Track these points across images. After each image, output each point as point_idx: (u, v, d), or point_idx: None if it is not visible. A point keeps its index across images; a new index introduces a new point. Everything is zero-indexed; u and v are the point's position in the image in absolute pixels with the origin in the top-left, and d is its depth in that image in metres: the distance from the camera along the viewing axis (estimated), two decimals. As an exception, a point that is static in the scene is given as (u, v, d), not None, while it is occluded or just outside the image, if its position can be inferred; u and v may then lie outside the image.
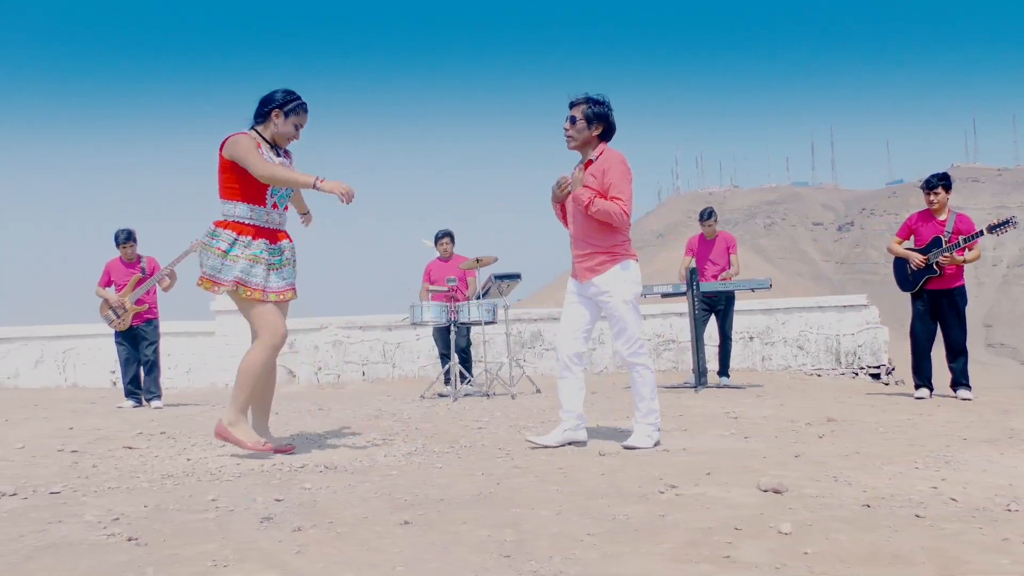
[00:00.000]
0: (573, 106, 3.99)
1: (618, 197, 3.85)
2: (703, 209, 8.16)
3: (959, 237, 6.04)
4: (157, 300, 7.46)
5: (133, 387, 7.32)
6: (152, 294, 7.39)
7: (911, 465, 3.26)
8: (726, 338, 7.88)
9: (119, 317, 7.21)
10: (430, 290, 8.01)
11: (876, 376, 9.82)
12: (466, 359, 7.93)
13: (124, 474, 3.33)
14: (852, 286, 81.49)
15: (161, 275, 7.20)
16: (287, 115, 3.82)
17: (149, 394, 7.29)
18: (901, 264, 6.38)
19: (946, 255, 6.04)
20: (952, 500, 2.62)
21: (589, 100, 3.95)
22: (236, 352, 3.64)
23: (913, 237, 6.38)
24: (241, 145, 3.68)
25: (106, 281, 7.33)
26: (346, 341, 10.32)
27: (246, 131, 3.79)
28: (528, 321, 10.36)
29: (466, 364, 7.85)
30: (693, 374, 7.50)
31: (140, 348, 7.34)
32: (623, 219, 3.88)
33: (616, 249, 3.94)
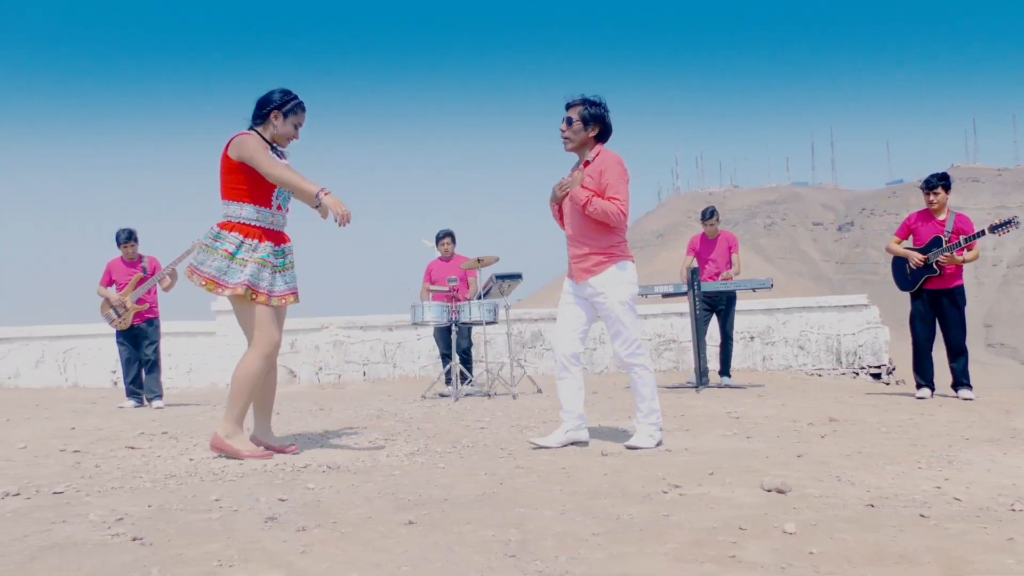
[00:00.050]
0: (570, 107, 3.99)
1: (615, 197, 3.86)
2: (705, 208, 8.16)
3: (960, 237, 6.04)
4: (158, 300, 7.47)
5: (134, 387, 7.32)
6: (153, 294, 7.39)
7: (914, 465, 3.26)
8: (727, 338, 7.88)
9: (120, 316, 7.21)
10: (431, 290, 8.01)
11: (877, 376, 9.82)
12: (467, 359, 7.93)
13: (127, 474, 3.33)
14: (852, 286, 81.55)
15: (162, 275, 7.20)
16: (286, 115, 3.79)
17: (150, 394, 7.29)
18: (900, 264, 6.39)
19: (946, 255, 6.04)
20: (956, 500, 2.62)
21: (585, 101, 3.95)
22: (236, 352, 3.64)
23: (912, 237, 6.38)
24: (249, 145, 3.65)
25: (107, 280, 7.33)
26: (347, 341, 10.32)
27: (250, 131, 3.76)
28: (529, 321, 10.36)
29: (467, 364, 7.85)
30: (694, 374, 7.50)
31: (141, 348, 7.34)
32: (620, 219, 3.88)
33: (613, 250, 3.94)
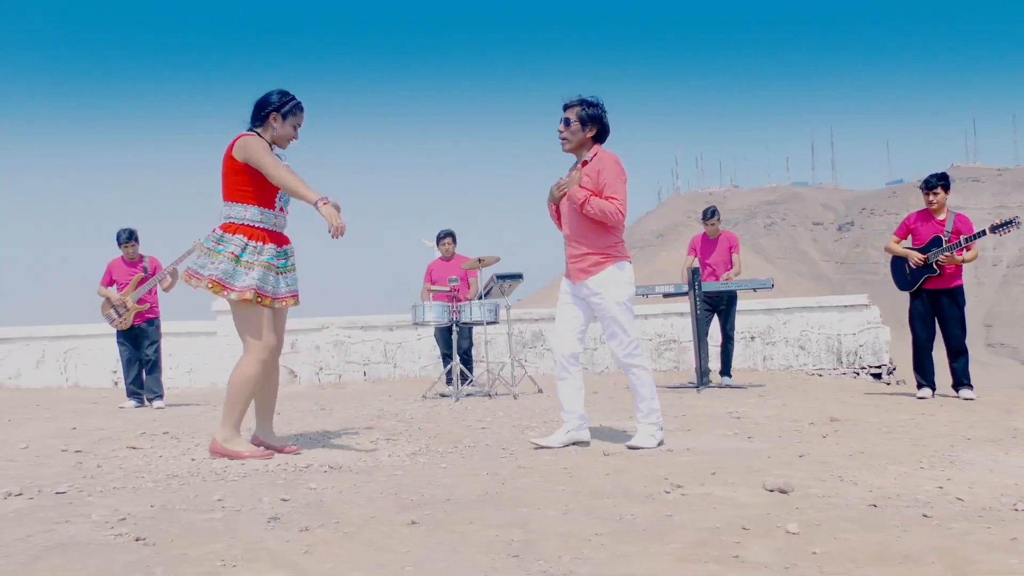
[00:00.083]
0: (567, 108, 4.00)
1: (613, 196, 3.86)
2: (706, 208, 8.13)
3: (961, 237, 6.04)
4: (158, 300, 7.47)
5: (135, 387, 7.31)
6: (153, 294, 7.39)
7: (916, 465, 3.26)
8: (728, 338, 7.87)
9: (121, 316, 7.21)
10: (432, 290, 8.01)
11: (877, 376, 9.82)
12: (467, 359, 7.93)
13: (129, 474, 3.33)
14: (852, 286, 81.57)
15: (163, 275, 7.20)
16: (285, 117, 3.77)
17: (151, 394, 7.29)
18: (899, 263, 6.39)
19: (946, 254, 6.04)
20: (958, 500, 2.62)
21: (583, 102, 3.96)
22: (237, 352, 3.63)
23: (911, 237, 6.38)
24: (254, 147, 3.63)
25: (108, 280, 7.33)
26: (347, 341, 10.32)
27: (253, 132, 3.74)
28: (529, 321, 10.36)
29: (467, 364, 7.85)
30: (695, 374, 7.50)
31: (142, 348, 7.34)
32: (618, 218, 3.89)
33: (610, 250, 3.94)
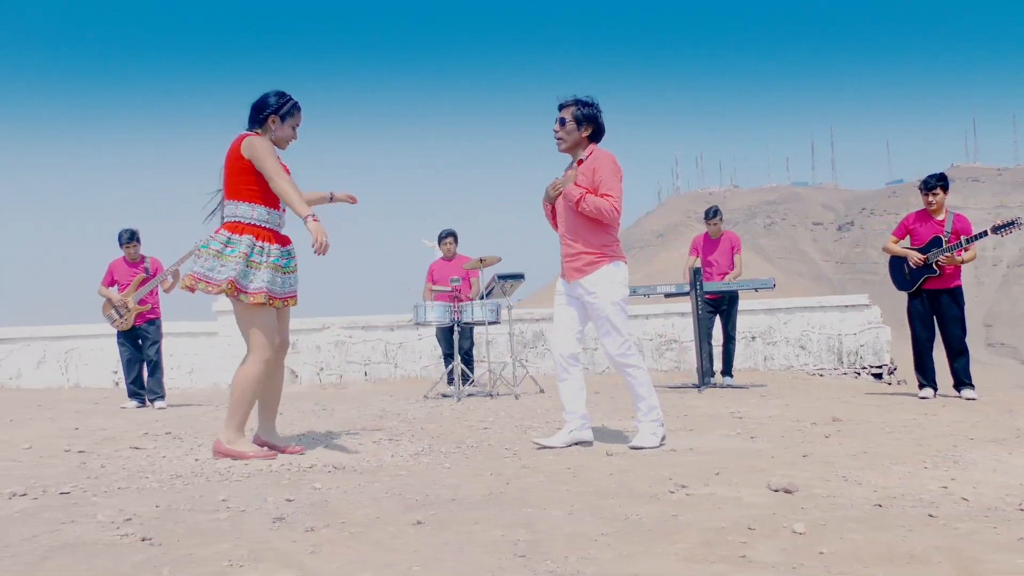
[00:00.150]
0: (562, 108, 4.01)
1: (608, 194, 3.86)
2: (709, 208, 8.10)
3: (962, 237, 6.04)
4: (159, 300, 7.47)
5: (136, 387, 7.31)
6: (154, 294, 7.39)
7: (920, 465, 3.26)
8: (729, 338, 7.87)
9: (122, 317, 7.21)
10: (433, 290, 8.01)
11: (878, 376, 9.83)
12: (468, 359, 7.93)
13: (133, 474, 3.33)
14: (852, 286, 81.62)
15: (164, 276, 7.20)
16: (283, 119, 3.76)
17: (152, 394, 7.29)
18: (898, 264, 6.39)
19: (946, 255, 6.04)
20: (963, 500, 2.62)
21: (578, 102, 3.97)
22: (238, 352, 3.64)
23: (909, 237, 6.38)
24: (262, 148, 3.61)
25: (109, 281, 7.33)
26: (348, 341, 10.32)
27: (258, 133, 3.72)
28: (530, 321, 10.36)
29: (468, 364, 7.86)
30: (697, 374, 7.50)
31: (143, 348, 7.35)
32: (614, 215, 3.89)
33: (605, 249, 3.94)
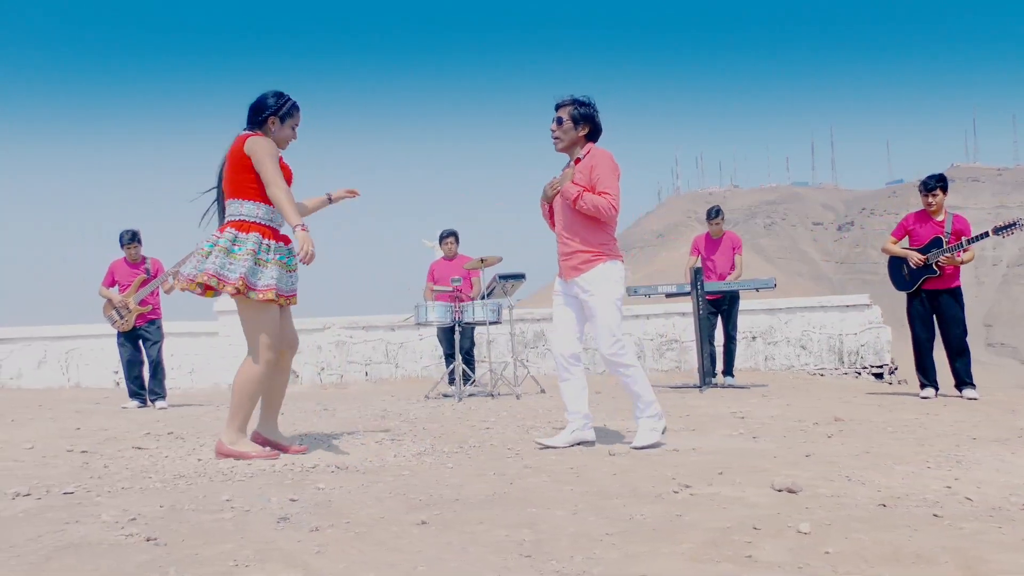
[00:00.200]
0: (559, 108, 4.01)
1: (606, 192, 3.87)
2: (710, 208, 8.08)
3: (963, 238, 6.04)
4: (160, 300, 7.47)
5: (137, 387, 7.31)
6: (155, 295, 7.39)
7: (923, 465, 3.26)
8: (730, 338, 7.88)
9: (122, 318, 7.21)
10: (435, 290, 8.01)
11: (879, 376, 9.83)
12: (469, 359, 7.93)
13: (136, 474, 3.33)
14: (852, 286, 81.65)
15: (165, 277, 7.19)
16: (283, 120, 3.74)
17: (154, 395, 7.29)
18: (897, 264, 6.38)
19: (947, 255, 6.04)
20: (967, 500, 2.62)
21: (575, 102, 3.98)
22: (239, 352, 3.63)
23: (908, 238, 6.38)
24: (263, 150, 3.58)
25: (110, 281, 7.33)
26: (349, 341, 10.32)
27: (258, 134, 3.70)
28: (531, 321, 10.36)
29: (469, 364, 7.86)
30: (698, 374, 7.50)
31: (144, 348, 7.34)
32: (611, 213, 3.89)
33: (602, 248, 3.94)
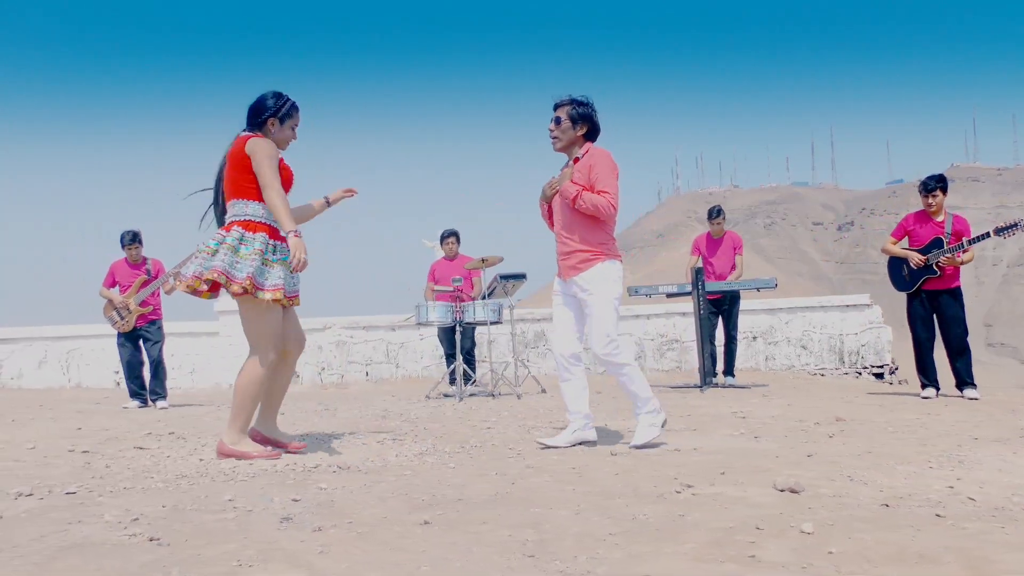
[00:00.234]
0: (557, 107, 4.02)
1: (605, 191, 3.87)
2: (712, 207, 8.11)
3: (964, 239, 6.04)
4: (160, 301, 7.47)
5: (137, 388, 7.31)
6: (156, 295, 7.39)
7: (925, 465, 3.26)
8: (731, 338, 7.88)
9: (123, 318, 7.21)
10: (435, 290, 8.01)
11: (880, 376, 9.83)
12: (470, 359, 7.93)
13: (138, 474, 3.33)
14: (852, 286, 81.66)
15: (166, 278, 7.19)
16: (283, 121, 3.73)
17: (155, 395, 7.29)
18: (897, 265, 6.38)
19: (948, 256, 6.04)
20: (970, 500, 2.62)
21: (573, 101, 3.98)
22: (240, 352, 3.64)
23: (908, 238, 6.38)
24: (261, 153, 3.57)
25: (110, 282, 7.33)
26: (349, 341, 10.32)
27: (260, 135, 3.69)
28: (532, 321, 10.36)
29: (470, 364, 7.85)
30: (699, 374, 7.50)
31: (144, 349, 7.34)
32: (610, 211, 3.89)
33: (601, 247, 3.95)
